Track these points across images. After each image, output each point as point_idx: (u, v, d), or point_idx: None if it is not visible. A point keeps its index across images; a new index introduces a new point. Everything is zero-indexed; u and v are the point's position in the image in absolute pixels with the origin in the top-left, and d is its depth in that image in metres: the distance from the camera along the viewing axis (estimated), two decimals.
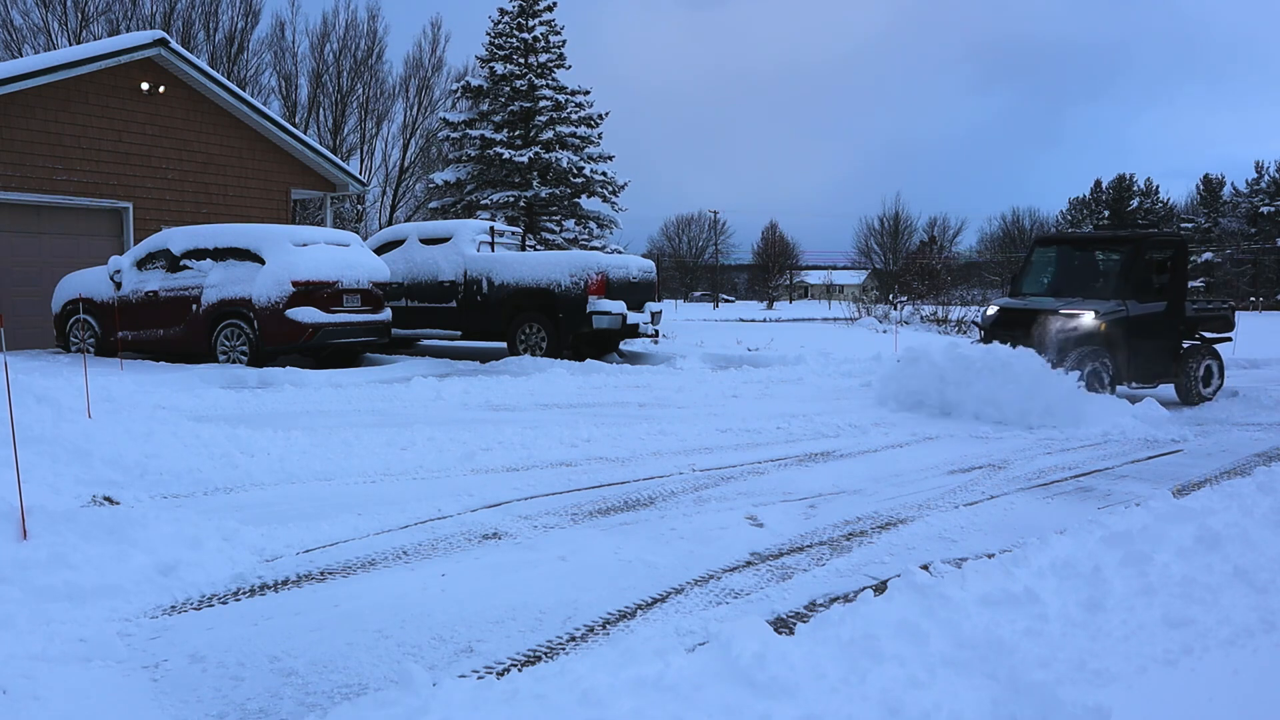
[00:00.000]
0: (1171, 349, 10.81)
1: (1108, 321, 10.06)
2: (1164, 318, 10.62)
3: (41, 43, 31.09)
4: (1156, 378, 10.78)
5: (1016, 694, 2.85)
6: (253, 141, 18.08)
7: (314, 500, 5.68)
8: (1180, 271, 10.92)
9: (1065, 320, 10.04)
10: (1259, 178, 67.12)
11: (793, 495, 6.05)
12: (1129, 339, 10.20)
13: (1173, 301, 10.76)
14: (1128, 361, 10.22)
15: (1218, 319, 11.67)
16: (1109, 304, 10.26)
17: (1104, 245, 11.32)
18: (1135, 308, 10.34)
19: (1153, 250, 10.83)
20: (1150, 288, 10.61)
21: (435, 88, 40.54)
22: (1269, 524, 4.44)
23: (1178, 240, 11.42)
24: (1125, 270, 10.57)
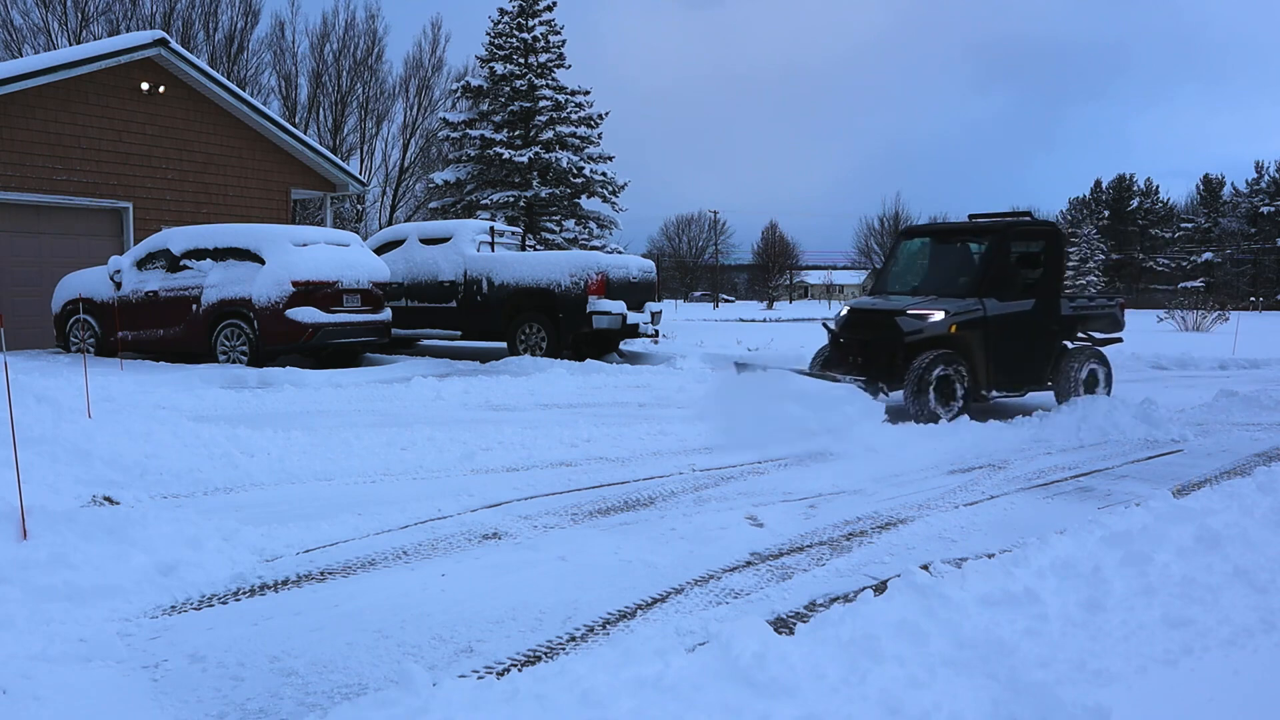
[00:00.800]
0: (1046, 352, 9.74)
1: (960, 323, 8.93)
2: (1034, 317, 9.47)
3: (41, 43, 31.12)
4: (1026, 384, 9.68)
5: (1016, 694, 2.85)
6: (253, 141, 18.08)
7: (314, 500, 5.68)
8: (1054, 265, 9.79)
9: (911, 322, 8.92)
10: (1259, 178, 67.16)
11: (793, 495, 6.05)
12: (989, 342, 9.10)
13: (1044, 299, 9.60)
14: (988, 367, 9.15)
15: (1103, 317, 10.47)
16: (963, 303, 9.07)
17: (968, 236, 9.96)
18: (996, 307, 9.16)
19: (1018, 241, 9.67)
20: (1016, 284, 9.45)
21: (435, 88, 40.58)
22: (1269, 524, 4.44)
23: (1050, 229, 10.03)
24: (984, 265, 9.36)
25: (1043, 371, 9.73)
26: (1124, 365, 15.14)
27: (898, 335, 8.92)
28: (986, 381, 9.20)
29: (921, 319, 8.92)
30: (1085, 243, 60.21)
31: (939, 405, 8.69)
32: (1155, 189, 72.72)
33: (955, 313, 8.95)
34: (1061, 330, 9.86)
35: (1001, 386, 9.41)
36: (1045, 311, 9.59)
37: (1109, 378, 10.25)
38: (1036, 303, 9.48)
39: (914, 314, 8.97)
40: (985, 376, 9.17)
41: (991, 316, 9.13)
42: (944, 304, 9.06)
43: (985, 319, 9.09)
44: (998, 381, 9.32)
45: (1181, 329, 29.05)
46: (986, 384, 9.21)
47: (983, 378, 9.16)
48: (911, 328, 8.91)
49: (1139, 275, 69.91)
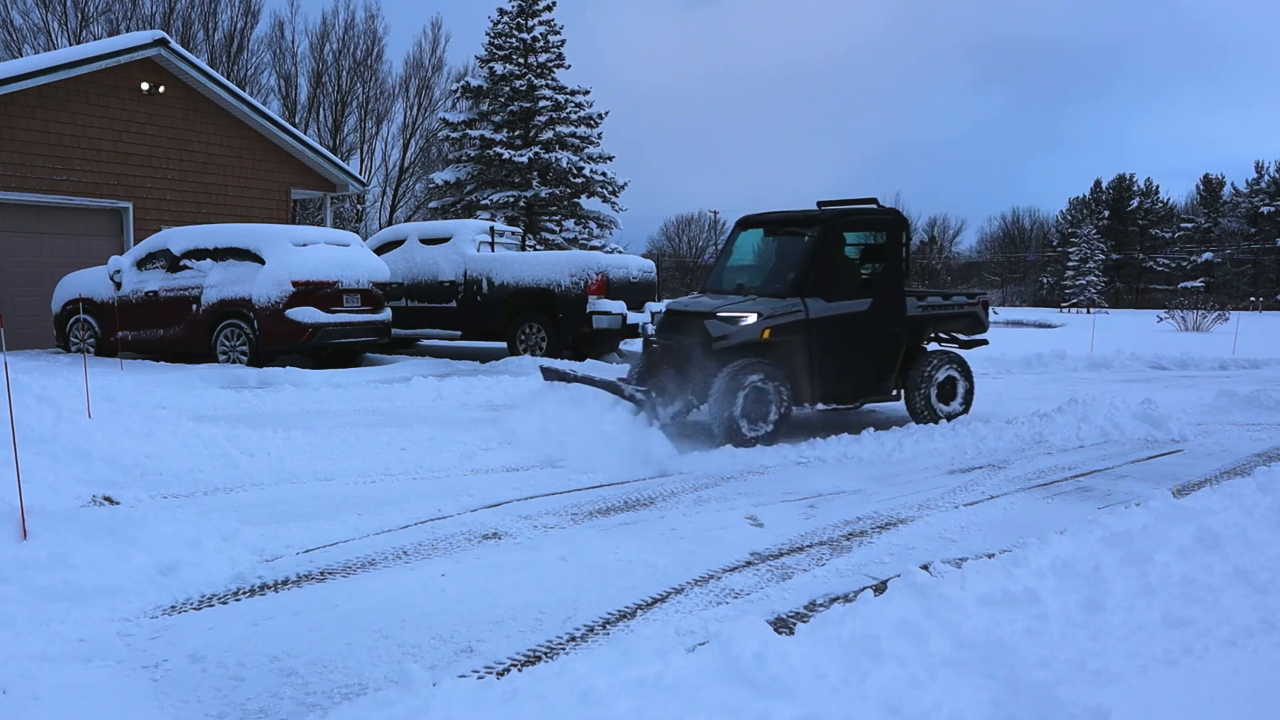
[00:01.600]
0: (888, 358, 8.53)
1: (776, 327, 7.77)
2: (871, 319, 8.30)
3: (41, 43, 31.13)
4: (863, 395, 8.66)
5: (1016, 694, 2.85)
6: (253, 141, 18.08)
7: (314, 500, 5.69)
8: (895, 259, 8.57)
9: (720, 326, 7.76)
10: (1259, 178, 67.13)
11: (793, 495, 6.05)
12: (813, 348, 7.95)
13: (884, 297, 8.43)
14: (813, 376, 8.01)
15: (961, 318, 9.22)
16: (781, 304, 7.89)
17: (799, 227, 8.70)
18: (821, 308, 7.99)
19: (853, 232, 8.65)
20: (849, 281, 8.40)
21: (435, 88, 40.60)
22: (1269, 524, 4.44)
23: (890, 218, 8.68)
24: (808, 260, 8.14)
25: (884, 380, 8.59)
26: (1124, 365, 15.16)
27: (706, 341, 7.73)
28: (811, 393, 8.07)
29: (732, 322, 7.75)
30: (1085, 243, 60.19)
31: (748, 422, 7.53)
32: (1155, 189, 72.66)
33: (770, 315, 7.77)
34: (908, 333, 8.64)
35: (830, 398, 8.37)
36: (886, 312, 8.42)
37: (969, 388, 9.02)
38: (875, 302, 8.32)
39: (724, 317, 7.80)
40: (809, 387, 8.03)
41: (816, 319, 7.95)
42: (759, 305, 7.88)
43: (808, 322, 7.91)
44: (825, 393, 8.21)
45: (1181, 329, 29.05)
46: (811, 396, 8.09)
47: (806, 389, 8.01)
48: (720, 332, 7.72)
49: (1139, 275, 69.91)
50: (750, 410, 7.53)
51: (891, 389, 8.70)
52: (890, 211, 8.75)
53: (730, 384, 7.44)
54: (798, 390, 7.94)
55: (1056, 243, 70.12)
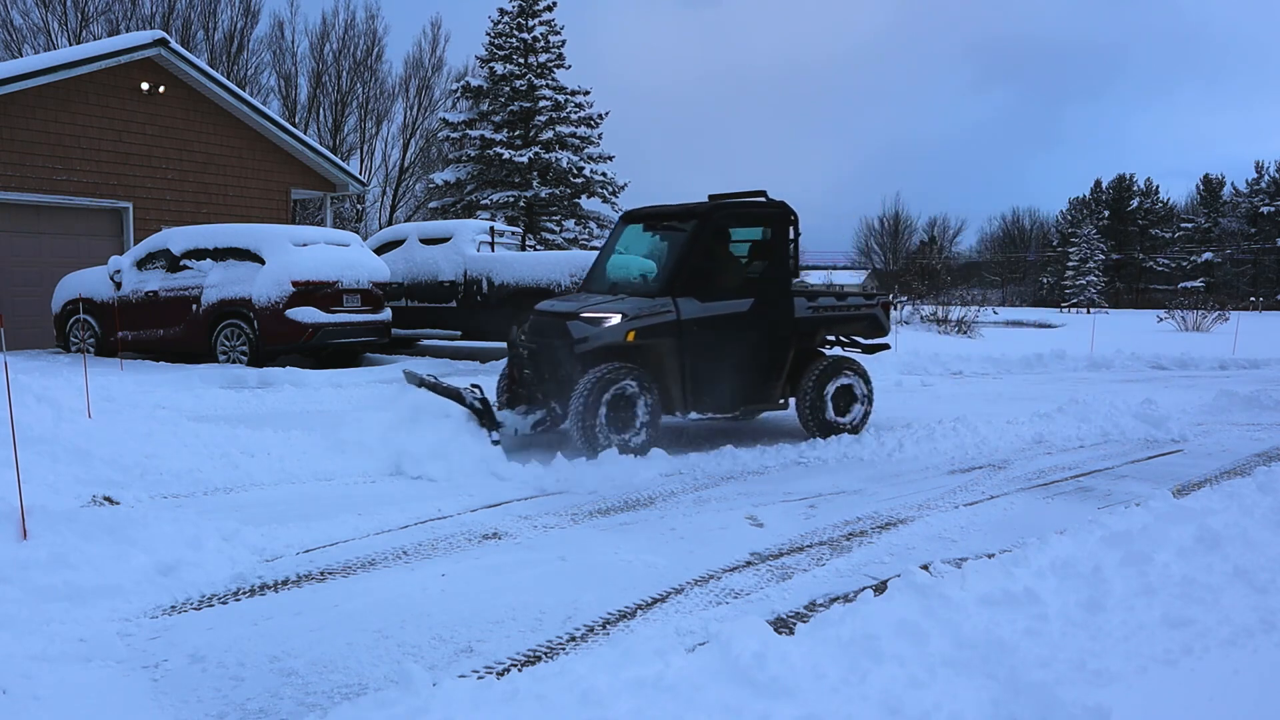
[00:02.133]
0: (774, 363, 7.85)
1: (642, 329, 7.11)
2: (754, 320, 7.62)
3: (41, 43, 31.13)
4: (746, 402, 7.82)
5: (1016, 694, 2.85)
6: (253, 141, 18.08)
7: (314, 500, 5.69)
8: (781, 255, 7.89)
9: (583, 328, 7.13)
10: (1259, 178, 67.17)
11: (793, 495, 6.05)
12: (685, 352, 7.30)
13: (768, 297, 7.75)
14: (686, 382, 7.35)
15: (857, 320, 8.49)
16: (650, 304, 7.23)
17: (678, 221, 7.96)
18: (695, 308, 7.32)
19: (733, 226, 8.01)
20: (728, 279, 7.76)
21: (435, 88, 40.60)
22: (1269, 524, 4.44)
23: (775, 210, 7.95)
24: (680, 257, 7.48)
25: (770, 387, 7.89)
26: (1124, 365, 15.16)
27: (568, 343, 7.14)
28: (684, 401, 7.41)
29: (594, 324, 7.11)
30: (1085, 243, 60.21)
31: (612, 432, 6.93)
32: (1155, 189, 72.71)
33: (636, 316, 7.11)
34: (797, 336, 7.97)
35: (707, 407, 7.59)
36: (770, 313, 7.74)
37: (868, 395, 8.32)
38: (757, 303, 7.65)
39: (587, 317, 7.16)
40: (682, 394, 7.38)
41: (689, 320, 7.28)
42: (626, 305, 7.24)
43: (679, 323, 7.24)
44: (701, 401, 7.50)
45: (1181, 329, 29.06)
46: (684, 404, 7.42)
47: (678, 396, 7.37)
48: (582, 334, 7.09)
49: (1139, 275, 69.94)
50: (615, 419, 6.93)
51: (779, 397, 8.02)
52: (775, 204, 8.02)
53: (592, 390, 6.84)
54: (669, 398, 7.32)
55: (1056, 243, 70.17)
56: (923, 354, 14.95)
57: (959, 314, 25.68)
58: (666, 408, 7.35)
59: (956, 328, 24.77)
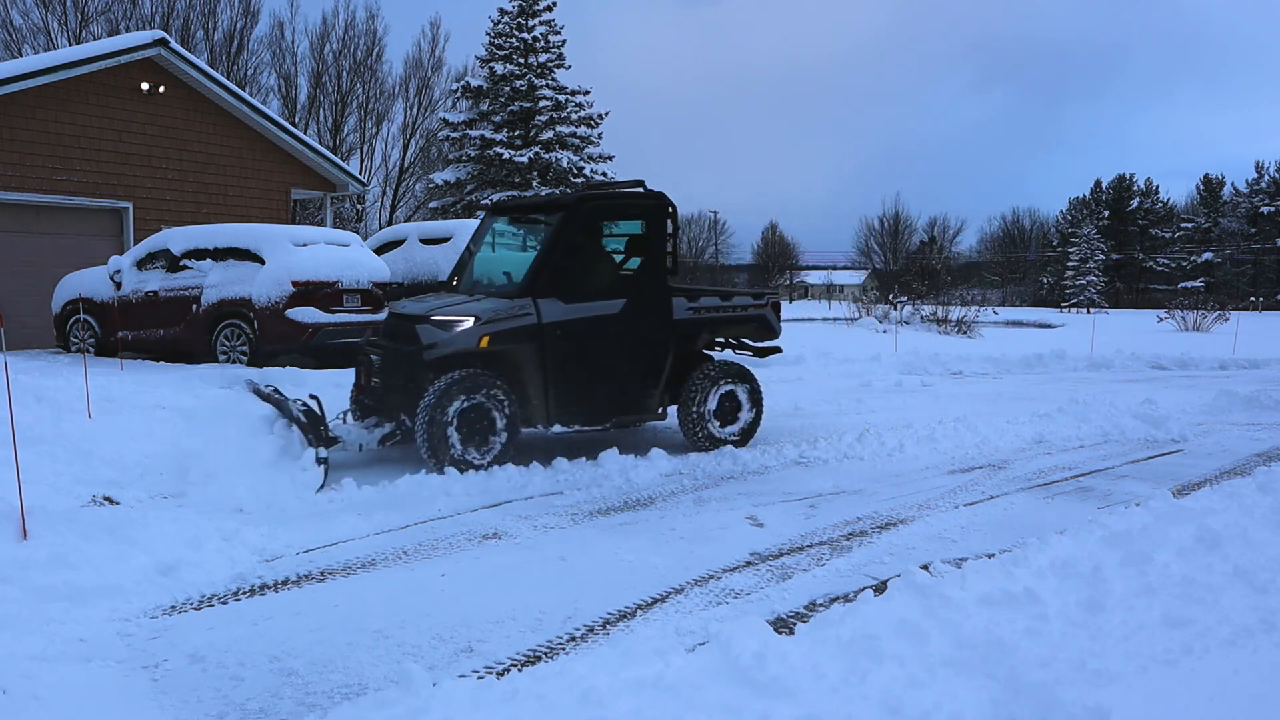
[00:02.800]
0: (650, 369, 7.21)
1: (497, 334, 6.54)
2: (626, 323, 6.99)
3: (41, 43, 31.12)
4: (619, 412, 7.17)
5: (1016, 694, 2.85)
6: (253, 141, 18.08)
7: (314, 500, 5.68)
8: (657, 251, 7.23)
9: (433, 332, 6.57)
10: (1259, 178, 67.14)
11: (793, 495, 6.05)
12: (548, 359, 6.71)
13: (641, 297, 7.11)
14: (549, 391, 6.76)
15: (744, 321, 7.86)
16: (507, 306, 6.64)
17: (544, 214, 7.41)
18: (558, 310, 6.72)
19: (600, 219, 7.34)
20: (598, 277, 7.09)
21: (435, 88, 40.56)
22: (1269, 524, 4.44)
23: (651, 202, 7.28)
24: (542, 254, 6.88)
25: (645, 396, 7.24)
26: (1124, 365, 15.16)
27: (417, 350, 6.59)
28: (546, 412, 6.79)
29: (445, 327, 6.55)
30: (1085, 243, 60.22)
31: (466, 447, 6.39)
32: (1155, 189, 72.68)
33: (490, 320, 6.54)
34: (676, 340, 7.33)
35: (574, 418, 6.94)
36: (645, 315, 7.11)
37: (757, 402, 7.73)
38: (630, 304, 7.02)
39: (438, 321, 6.60)
40: (544, 405, 6.78)
41: (551, 323, 6.69)
42: (481, 307, 6.66)
43: (539, 327, 6.66)
44: (567, 412, 6.87)
45: (1181, 329, 29.05)
46: (546, 415, 6.81)
47: (539, 407, 6.77)
48: (431, 339, 6.54)
49: (1139, 275, 69.93)
50: (466, 431, 6.37)
51: (657, 406, 7.36)
52: (652, 194, 7.34)
53: (439, 401, 6.28)
54: (529, 409, 6.75)
55: (1056, 243, 70.17)
56: (923, 354, 14.95)
57: (959, 314, 25.68)
58: (527, 420, 6.77)
59: (956, 328, 24.77)
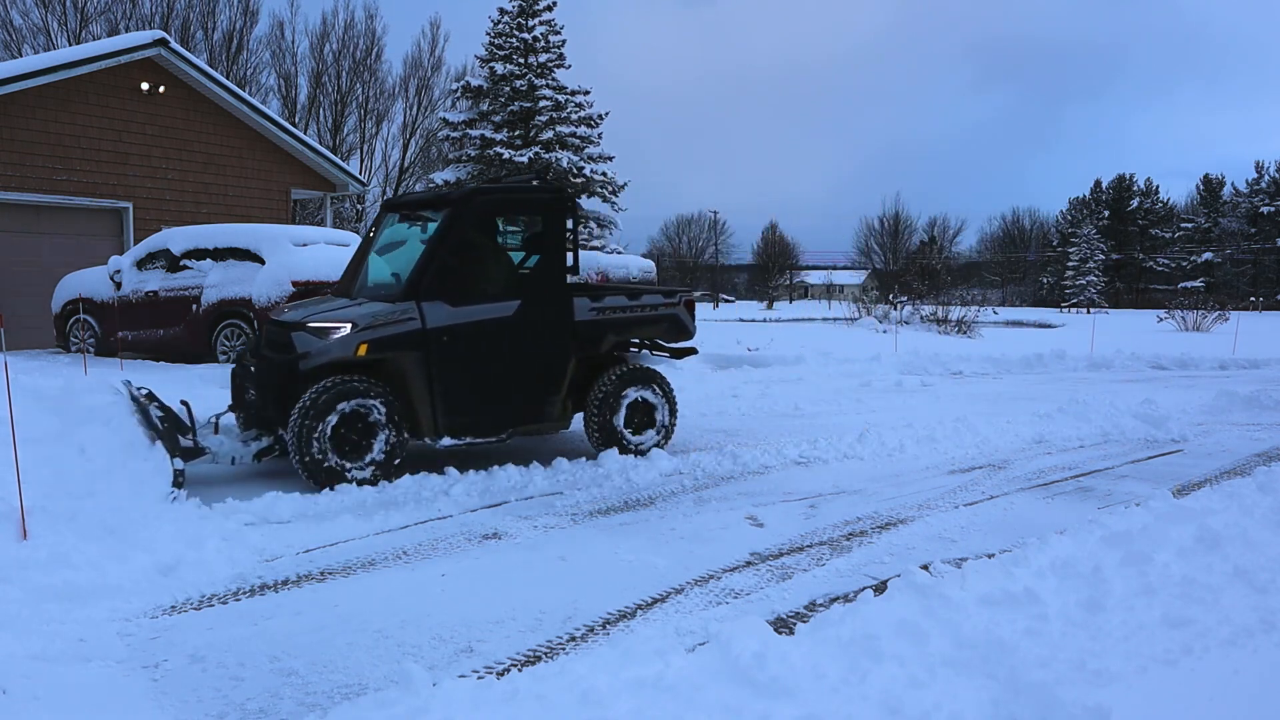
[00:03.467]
0: (550, 375, 6.77)
1: (376, 340, 6.13)
2: (522, 326, 6.56)
3: (41, 43, 31.12)
4: (517, 422, 6.71)
5: (1016, 694, 2.85)
6: (253, 141, 18.08)
7: (313, 499, 5.68)
8: (555, 250, 6.80)
9: (308, 340, 6.13)
10: (1259, 178, 67.15)
11: (793, 495, 6.05)
12: (435, 366, 6.29)
13: (538, 299, 6.67)
14: (436, 401, 6.32)
15: (654, 322, 7.31)
16: (388, 310, 6.23)
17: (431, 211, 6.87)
18: (444, 314, 6.30)
19: (492, 215, 6.90)
20: (490, 278, 6.66)
21: (435, 87, 40.60)
22: (1269, 524, 4.44)
23: (547, 197, 6.90)
24: (427, 253, 6.44)
25: (546, 404, 6.80)
26: (1124, 365, 15.15)
27: (293, 359, 6.16)
28: (434, 423, 6.35)
29: (321, 335, 6.12)
30: (1085, 243, 60.23)
31: (343, 460, 5.97)
32: (1155, 189, 72.70)
33: (368, 326, 6.13)
34: (578, 343, 6.88)
35: (465, 430, 6.45)
36: (542, 317, 6.67)
37: (670, 410, 7.30)
38: (525, 305, 6.59)
39: (314, 328, 6.17)
40: (431, 417, 6.34)
41: (437, 329, 6.28)
42: (359, 313, 6.24)
43: (424, 333, 6.24)
44: (457, 422, 6.41)
45: (1181, 329, 29.05)
46: (434, 427, 6.36)
47: (427, 418, 6.34)
48: (306, 348, 6.11)
49: (1139, 275, 69.94)
50: (341, 443, 5.96)
51: (560, 414, 6.92)
52: (548, 189, 7.00)
53: (310, 413, 5.86)
54: (415, 420, 6.34)
55: (1056, 243, 70.18)
56: (923, 354, 14.95)
57: (959, 314, 25.68)
58: (414, 431, 6.35)
59: (956, 328, 24.77)
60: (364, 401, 6.03)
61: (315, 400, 5.90)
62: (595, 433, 7.01)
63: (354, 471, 6.00)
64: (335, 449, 5.95)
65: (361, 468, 6.03)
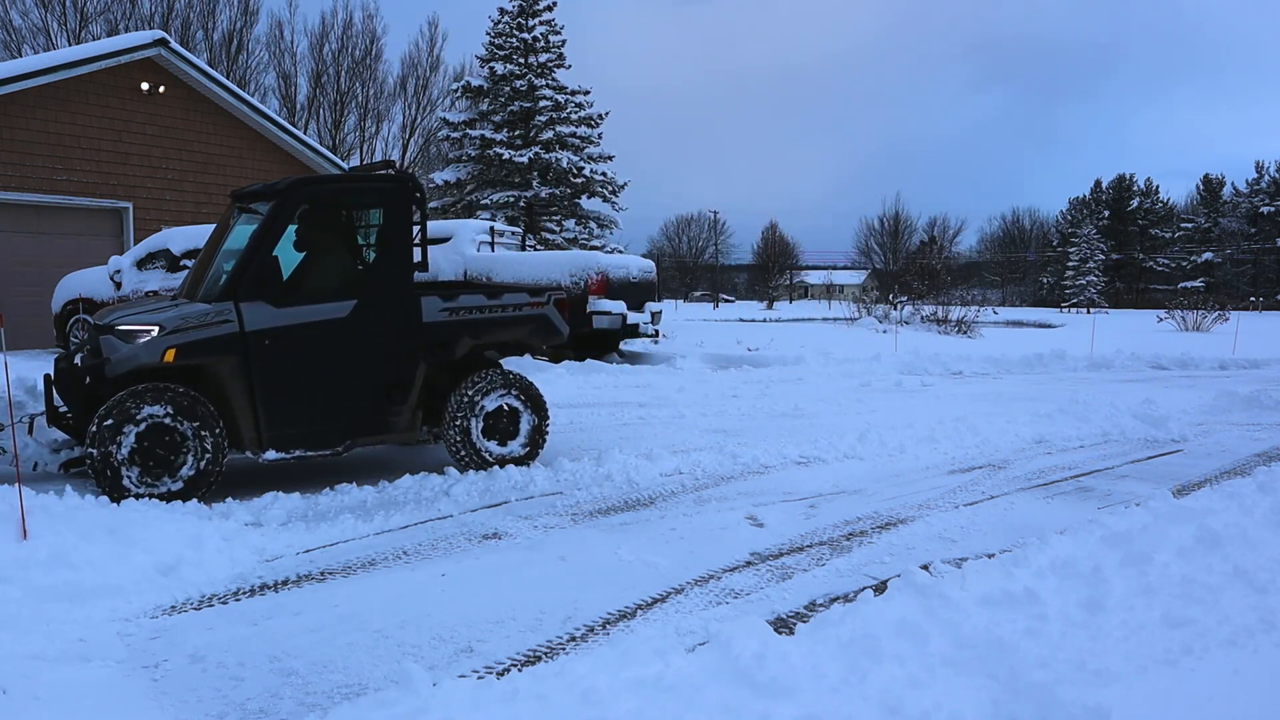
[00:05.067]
0: (395, 383, 6.25)
1: (185, 344, 5.60)
2: (359, 328, 6.06)
3: (41, 43, 31.13)
4: (357, 433, 6.18)
5: (1016, 694, 2.85)
6: (253, 141, 18.08)
7: (313, 500, 5.68)
8: (398, 243, 6.29)
9: (115, 344, 5.61)
10: (1259, 178, 67.16)
11: (793, 495, 6.05)
12: (256, 373, 5.78)
13: (377, 298, 6.17)
14: (259, 413, 5.82)
15: (516, 324, 6.72)
16: (204, 310, 5.71)
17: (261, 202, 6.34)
18: (267, 315, 5.80)
19: (325, 206, 6.35)
20: (321, 275, 6.19)
21: (434, 87, 40.61)
22: (1269, 524, 4.44)
23: (389, 185, 6.39)
24: (251, 248, 5.90)
25: (390, 414, 6.27)
26: (1124, 365, 15.15)
27: (98, 365, 5.70)
28: (257, 436, 5.85)
29: (128, 338, 5.59)
30: (1085, 243, 60.23)
31: (144, 475, 5.42)
32: (1155, 189, 72.72)
33: (176, 329, 5.59)
34: (427, 347, 6.34)
35: (292, 443, 5.94)
36: (383, 318, 6.17)
37: (538, 423, 6.71)
38: (362, 305, 6.09)
39: (122, 330, 5.63)
40: (254, 428, 5.84)
41: (257, 332, 5.77)
42: (170, 315, 5.68)
43: (242, 336, 5.73)
44: (284, 434, 5.91)
45: (1181, 329, 29.05)
46: (258, 439, 5.86)
47: (248, 430, 5.83)
48: (111, 352, 5.60)
49: (1139, 275, 69.95)
50: (143, 457, 5.42)
51: (408, 425, 6.38)
52: (386, 178, 6.46)
53: (112, 420, 5.35)
54: (235, 431, 5.82)
55: (1056, 243, 70.21)
56: (923, 354, 14.95)
57: (959, 314, 25.68)
58: (235, 444, 5.85)
59: (956, 328, 24.77)
60: (169, 411, 5.45)
61: (109, 411, 5.36)
62: (452, 445, 6.43)
63: (156, 486, 5.43)
64: (137, 464, 5.39)
65: (169, 481, 5.46)
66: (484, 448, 6.47)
